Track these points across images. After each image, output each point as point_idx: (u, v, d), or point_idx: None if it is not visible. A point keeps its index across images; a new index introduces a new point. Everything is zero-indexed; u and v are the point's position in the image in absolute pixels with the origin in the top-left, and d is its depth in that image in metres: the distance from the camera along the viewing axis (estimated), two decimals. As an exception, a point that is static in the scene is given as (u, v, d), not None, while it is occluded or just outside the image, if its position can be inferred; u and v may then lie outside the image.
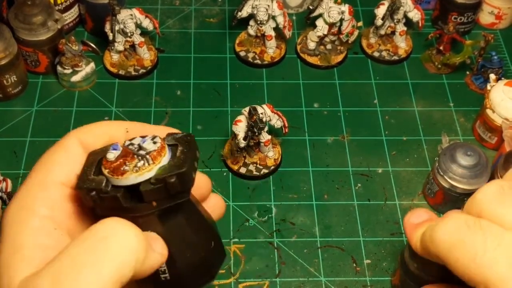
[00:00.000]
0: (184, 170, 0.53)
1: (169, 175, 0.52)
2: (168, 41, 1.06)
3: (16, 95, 0.96)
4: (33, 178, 0.55)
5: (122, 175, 0.52)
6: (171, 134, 0.57)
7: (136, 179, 0.52)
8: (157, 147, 0.53)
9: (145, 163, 0.52)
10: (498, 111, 0.89)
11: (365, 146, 0.93)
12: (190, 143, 0.56)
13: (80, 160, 0.56)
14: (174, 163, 0.53)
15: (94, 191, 0.52)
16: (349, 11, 0.99)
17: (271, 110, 0.86)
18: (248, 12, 0.99)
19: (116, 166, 0.53)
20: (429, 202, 0.87)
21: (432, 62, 1.03)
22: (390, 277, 0.81)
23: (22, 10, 0.93)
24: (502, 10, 1.08)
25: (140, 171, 0.52)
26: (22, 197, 0.54)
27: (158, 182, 0.52)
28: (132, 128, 0.59)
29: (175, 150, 0.55)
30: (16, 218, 0.52)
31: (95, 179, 0.53)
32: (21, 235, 0.51)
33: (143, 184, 0.52)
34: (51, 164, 0.56)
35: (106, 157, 0.53)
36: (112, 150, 0.53)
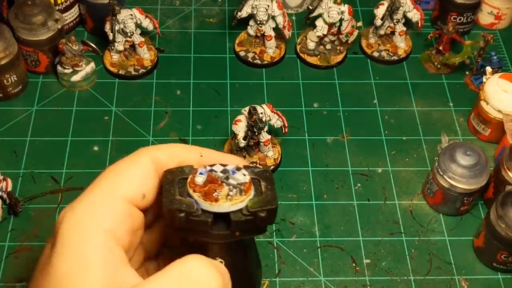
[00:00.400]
0: (275, 207, 0.55)
1: (261, 209, 0.54)
2: (168, 41, 1.06)
3: (16, 95, 0.96)
4: (100, 189, 0.54)
5: (215, 201, 0.53)
6: (248, 167, 0.58)
7: (229, 207, 0.54)
8: (247, 179, 0.55)
9: (238, 193, 0.54)
10: (492, 103, 0.90)
11: (364, 146, 0.93)
12: (270, 179, 0.58)
13: (150, 179, 0.56)
14: (263, 198, 0.56)
15: (184, 213, 0.53)
16: (349, 11, 0.99)
17: (270, 110, 0.86)
18: (248, 12, 0.99)
19: (207, 192, 0.54)
20: (429, 202, 0.87)
21: (431, 62, 1.03)
22: (472, 237, 0.83)
23: (22, 10, 0.93)
24: (502, 10, 1.08)
25: (234, 200, 0.54)
26: (87, 207, 0.53)
27: (249, 214, 0.54)
28: (206, 154, 0.59)
29: (258, 184, 0.57)
30: (80, 230, 0.51)
31: (184, 201, 0.54)
32: (86, 250, 0.50)
33: (234, 214, 0.54)
34: (121, 178, 0.55)
35: (195, 181, 0.54)
36: (200, 175, 0.54)
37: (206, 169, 0.55)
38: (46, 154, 0.90)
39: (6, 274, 0.77)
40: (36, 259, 0.78)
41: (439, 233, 0.84)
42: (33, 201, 0.84)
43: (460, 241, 0.84)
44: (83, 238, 0.51)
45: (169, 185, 0.55)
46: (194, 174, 0.55)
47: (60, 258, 0.50)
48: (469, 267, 0.82)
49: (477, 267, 0.82)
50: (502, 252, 0.78)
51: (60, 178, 0.87)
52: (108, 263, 0.50)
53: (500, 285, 0.80)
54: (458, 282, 0.80)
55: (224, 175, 0.55)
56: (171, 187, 0.55)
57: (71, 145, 0.91)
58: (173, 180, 0.56)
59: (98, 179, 0.56)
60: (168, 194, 0.54)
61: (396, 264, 0.81)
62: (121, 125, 0.94)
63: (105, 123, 0.94)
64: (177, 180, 0.56)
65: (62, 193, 0.85)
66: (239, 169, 0.56)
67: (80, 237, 0.51)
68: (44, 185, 0.86)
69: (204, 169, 0.55)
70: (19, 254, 0.79)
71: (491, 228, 0.78)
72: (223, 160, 0.59)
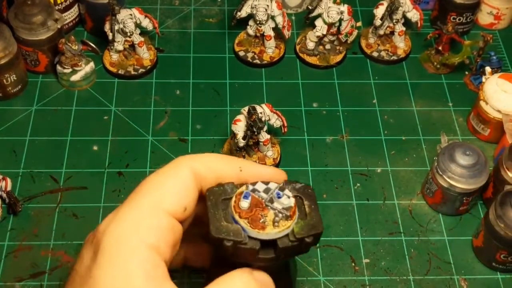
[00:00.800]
0: (320, 231, 0.56)
1: (308, 236, 0.55)
2: (167, 41, 1.06)
3: (15, 94, 0.96)
4: (143, 203, 0.54)
5: (262, 229, 0.54)
6: (289, 182, 0.59)
7: (276, 235, 0.55)
8: (292, 203, 0.56)
9: (283, 219, 0.55)
10: (491, 103, 0.90)
11: (364, 145, 0.93)
12: (313, 197, 0.59)
13: (191, 191, 0.56)
14: (309, 222, 0.57)
15: (232, 242, 0.54)
16: (348, 11, 0.99)
17: (270, 109, 0.86)
18: (247, 12, 0.99)
19: (253, 218, 0.55)
20: (428, 201, 0.87)
21: (431, 62, 1.04)
22: (471, 237, 0.83)
23: (22, 10, 0.93)
24: (501, 10, 1.08)
25: (280, 227, 0.55)
26: (131, 222, 0.53)
27: (296, 240, 0.55)
28: (245, 168, 0.60)
29: (301, 203, 0.58)
30: (125, 245, 0.52)
31: (231, 229, 0.54)
32: (130, 265, 0.50)
33: (281, 240, 0.55)
34: (163, 192, 0.55)
35: (240, 206, 0.55)
36: (244, 199, 0.55)
37: (249, 189, 0.56)
38: (46, 153, 0.90)
39: (6, 274, 0.77)
40: (36, 259, 0.79)
41: (438, 233, 0.84)
42: (32, 201, 0.84)
43: (459, 241, 0.84)
44: (127, 254, 0.51)
45: (214, 209, 0.56)
46: (238, 197, 0.56)
47: (104, 272, 0.50)
48: (468, 266, 0.82)
49: (476, 267, 0.82)
50: (501, 251, 0.78)
51: (60, 177, 0.87)
52: (152, 279, 0.50)
53: (499, 285, 0.80)
54: (457, 281, 0.80)
55: (267, 195, 0.56)
56: (215, 211, 0.55)
57: (70, 144, 0.91)
58: (217, 202, 0.56)
59: (139, 190, 0.56)
60: (214, 220, 0.55)
61: (395, 263, 0.81)
62: (120, 124, 0.94)
63: (105, 123, 0.94)
64: (220, 201, 0.56)
65: (62, 193, 0.86)
66: (282, 189, 0.56)
67: (125, 253, 0.51)
68: (44, 184, 0.86)
69: (248, 191, 0.56)
70: (18, 253, 0.79)
71: (490, 227, 0.78)
72: (263, 173, 0.59)
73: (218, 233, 0.54)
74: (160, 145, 0.91)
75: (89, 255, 0.53)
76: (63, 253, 0.80)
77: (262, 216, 0.54)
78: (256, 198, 0.55)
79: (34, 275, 0.77)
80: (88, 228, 0.81)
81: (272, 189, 0.56)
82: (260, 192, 0.56)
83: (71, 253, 0.80)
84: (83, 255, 0.54)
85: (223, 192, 0.57)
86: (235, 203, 0.55)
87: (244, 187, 0.57)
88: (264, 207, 0.55)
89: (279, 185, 0.57)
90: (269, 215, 0.55)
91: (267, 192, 0.56)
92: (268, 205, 0.55)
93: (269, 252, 0.55)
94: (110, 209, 0.83)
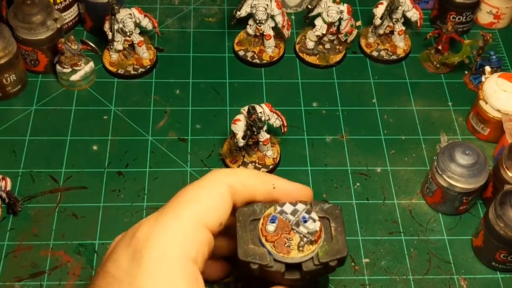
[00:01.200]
0: (345, 255, 0.58)
1: (332, 260, 0.57)
2: (167, 40, 1.06)
3: (15, 94, 0.96)
4: (185, 214, 0.56)
5: (287, 253, 0.56)
6: (316, 203, 0.61)
7: (300, 259, 0.57)
8: (318, 227, 0.57)
9: (308, 243, 0.57)
10: (491, 102, 0.90)
11: (363, 145, 0.93)
12: (339, 218, 0.61)
13: (228, 207, 0.59)
14: (333, 245, 0.58)
15: (258, 265, 0.56)
16: (348, 10, 0.99)
17: (270, 109, 0.86)
18: (247, 12, 0.99)
19: (279, 242, 0.57)
20: (428, 201, 0.87)
21: (430, 62, 1.04)
22: (471, 236, 0.83)
23: (22, 9, 0.93)
24: (501, 9, 1.08)
25: (305, 251, 0.57)
26: (175, 232, 0.55)
27: (320, 264, 0.57)
28: (278, 185, 0.62)
29: (328, 224, 0.60)
30: (170, 258, 0.54)
31: (257, 252, 0.57)
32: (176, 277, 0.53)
33: (306, 264, 0.57)
34: (204, 207, 0.58)
35: (267, 229, 0.57)
36: (271, 223, 0.57)
37: (277, 211, 0.58)
38: (45, 153, 0.90)
39: (5, 273, 0.77)
40: (36, 259, 0.79)
41: (438, 233, 0.84)
42: (32, 201, 0.84)
43: (459, 240, 0.84)
44: (173, 266, 0.53)
45: (242, 231, 0.58)
46: (266, 219, 0.58)
47: (150, 282, 0.52)
48: (468, 266, 0.82)
49: (476, 267, 0.82)
50: (501, 251, 0.78)
51: (59, 177, 0.87)
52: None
53: (499, 284, 0.80)
54: (457, 281, 0.80)
55: (294, 218, 0.57)
56: (243, 233, 0.58)
57: (70, 144, 0.91)
58: (245, 223, 0.58)
59: (179, 201, 0.58)
60: (242, 243, 0.57)
61: (395, 263, 0.81)
62: (120, 124, 0.94)
63: (104, 123, 0.94)
64: (249, 222, 0.59)
65: (61, 193, 0.85)
66: (309, 212, 0.58)
67: (170, 264, 0.53)
68: (43, 184, 0.86)
69: (275, 214, 0.58)
70: (18, 253, 0.79)
71: (490, 227, 0.78)
72: (294, 191, 0.62)
73: (245, 256, 0.56)
74: (160, 145, 0.91)
75: (127, 259, 0.54)
76: (62, 253, 0.80)
77: (287, 239, 0.56)
78: (283, 221, 0.57)
79: (33, 275, 0.77)
80: (88, 228, 0.82)
81: (299, 211, 0.58)
82: (288, 214, 0.58)
83: (70, 253, 0.80)
84: (119, 258, 0.56)
85: (252, 212, 0.59)
86: (263, 225, 0.57)
87: (272, 208, 0.59)
88: (290, 230, 0.57)
89: (306, 207, 0.58)
90: (295, 239, 0.57)
91: (295, 214, 0.58)
92: (294, 229, 0.57)
93: (294, 273, 0.57)
94: (110, 209, 0.84)
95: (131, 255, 0.54)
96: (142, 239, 0.55)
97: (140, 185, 0.87)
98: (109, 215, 0.83)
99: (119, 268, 0.54)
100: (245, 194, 0.60)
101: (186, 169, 0.89)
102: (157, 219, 0.56)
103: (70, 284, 0.77)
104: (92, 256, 0.80)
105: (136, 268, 0.53)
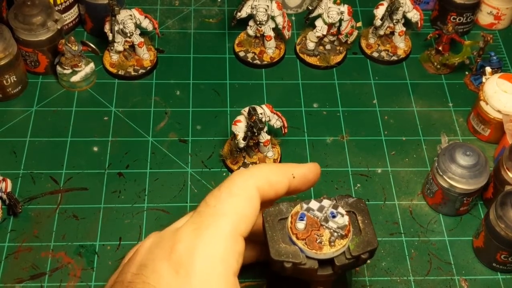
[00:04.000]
0: (376, 246, 0.58)
1: (364, 252, 0.58)
2: (167, 41, 1.06)
3: (15, 95, 0.96)
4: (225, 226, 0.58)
5: (320, 249, 0.57)
6: (341, 197, 0.61)
7: (333, 254, 0.57)
8: (347, 221, 0.58)
9: (339, 238, 0.57)
10: (491, 103, 0.90)
11: (364, 146, 0.93)
12: (365, 211, 0.61)
13: (257, 213, 0.60)
14: (363, 238, 0.59)
15: (291, 263, 0.56)
16: (348, 11, 0.99)
17: (270, 110, 0.86)
18: (247, 13, 0.99)
19: (310, 239, 0.57)
20: (428, 202, 0.87)
21: (431, 63, 1.03)
22: (472, 237, 0.83)
23: (22, 11, 0.93)
24: (501, 10, 1.08)
25: (336, 246, 0.57)
26: (218, 246, 0.57)
27: (352, 258, 0.57)
28: (297, 173, 0.64)
29: (354, 218, 0.60)
30: (217, 269, 0.56)
31: (289, 250, 0.57)
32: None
33: (338, 258, 0.57)
34: (241, 217, 0.59)
35: (297, 227, 0.57)
36: (300, 220, 0.58)
37: (303, 208, 0.58)
38: (46, 154, 0.90)
39: (6, 275, 0.77)
40: (36, 260, 0.79)
41: (439, 233, 0.84)
42: (32, 202, 0.84)
43: (459, 241, 0.84)
44: (219, 280, 0.56)
45: (272, 231, 0.58)
46: (294, 217, 0.58)
47: None
48: (468, 267, 0.82)
49: (476, 267, 0.82)
50: (501, 252, 0.78)
51: (60, 178, 0.87)
52: None
53: (500, 285, 0.80)
54: (458, 282, 0.80)
55: (322, 214, 0.58)
56: (273, 233, 0.58)
57: (70, 145, 0.91)
58: (274, 223, 0.59)
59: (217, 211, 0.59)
60: (273, 243, 0.58)
61: (395, 264, 0.81)
62: (120, 125, 0.94)
63: (105, 124, 0.94)
64: (277, 221, 0.59)
65: (62, 194, 0.85)
66: (336, 207, 0.59)
67: (217, 279, 0.55)
68: (44, 185, 0.86)
69: (303, 211, 0.58)
70: (18, 254, 0.79)
71: (491, 228, 0.78)
72: (308, 173, 0.64)
73: (278, 256, 0.57)
74: (160, 146, 0.91)
75: (170, 273, 0.56)
76: (63, 254, 0.80)
77: (318, 236, 0.57)
78: (312, 218, 0.58)
79: (34, 276, 0.77)
80: (88, 229, 0.82)
81: (326, 207, 0.59)
82: (315, 211, 0.58)
83: (71, 254, 0.80)
84: (160, 270, 0.57)
85: (279, 212, 0.60)
86: (291, 223, 0.58)
87: (298, 206, 0.59)
88: (320, 226, 0.57)
89: (332, 203, 0.59)
90: (325, 235, 0.57)
91: (321, 210, 0.58)
92: (323, 225, 0.57)
93: (327, 269, 0.58)
94: (111, 210, 0.84)
95: (175, 269, 0.56)
96: (185, 254, 0.56)
97: (140, 186, 0.87)
98: (109, 216, 0.83)
99: (162, 281, 0.56)
100: (270, 192, 0.61)
101: (187, 170, 0.89)
102: (196, 232, 0.57)
103: (71, 285, 0.77)
104: (93, 257, 0.80)
105: (184, 284, 0.54)
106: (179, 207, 0.85)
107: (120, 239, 0.81)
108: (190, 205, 0.85)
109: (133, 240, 0.81)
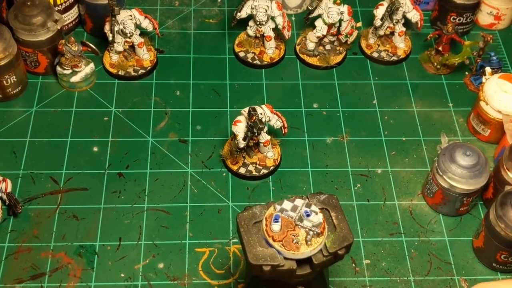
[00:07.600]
0: (352, 241, 0.59)
1: (340, 248, 0.59)
2: (167, 41, 1.06)
3: (15, 96, 0.96)
4: None
5: (297, 250, 0.57)
6: (312, 195, 0.62)
7: (310, 252, 0.58)
8: (321, 219, 0.58)
9: (315, 236, 0.58)
10: (491, 103, 0.90)
11: (364, 146, 0.93)
12: (338, 207, 0.62)
13: None
14: (338, 233, 0.60)
15: (270, 266, 0.57)
16: (348, 11, 0.99)
17: (270, 110, 0.86)
18: (247, 13, 0.99)
19: (286, 240, 0.57)
20: (428, 202, 0.87)
21: (431, 63, 1.03)
22: (472, 237, 0.83)
23: (22, 11, 0.93)
24: (501, 10, 1.08)
25: (313, 245, 0.58)
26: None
27: (330, 254, 0.58)
28: None
29: (328, 214, 0.61)
30: None
31: (267, 253, 0.58)
32: None
33: (315, 256, 0.58)
34: None
35: (272, 229, 0.58)
36: (275, 222, 0.58)
37: (277, 210, 0.58)
38: (46, 155, 0.90)
39: (6, 275, 0.77)
40: (36, 261, 0.79)
41: (439, 234, 0.84)
42: (32, 202, 0.84)
43: (459, 241, 0.84)
44: None
45: (247, 235, 0.59)
46: (268, 219, 0.58)
47: None
48: (468, 267, 0.82)
49: (476, 267, 0.82)
50: (501, 252, 0.78)
51: (60, 179, 0.87)
52: None
53: (500, 286, 0.80)
54: (458, 282, 0.80)
55: (296, 214, 0.58)
56: (249, 237, 0.59)
57: (70, 146, 0.91)
58: (249, 227, 0.59)
59: None
60: (250, 248, 0.58)
61: (395, 264, 0.81)
62: (120, 125, 0.94)
63: (105, 124, 0.94)
64: (252, 225, 0.59)
65: (62, 194, 0.85)
66: (309, 205, 0.59)
67: None
68: (44, 185, 0.86)
69: (277, 213, 0.58)
70: (18, 255, 0.79)
71: (491, 228, 0.78)
72: None
73: (256, 260, 0.57)
74: (160, 146, 0.91)
75: None
76: (63, 254, 0.80)
77: (294, 236, 0.57)
78: (286, 219, 0.58)
79: (34, 276, 0.77)
80: (88, 229, 0.82)
81: (299, 206, 0.59)
82: (289, 211, 0.59)
83: (71, 254, 0.80)
84: None
85: (253, 215, 0.60)
86: (266, 226, 0.58)
87: (272, 208, 0.59)
88: (295, 226, 0.58)
89: (305, 201, 0.59)
90: (301, 234, 0.57)
91: (295, 210, 0.59)
92: (298, 224, 0.58)
93: (305, 268, 0.58)
94: (111, 211, 0.84)
95: None
96: None
97: (140, 187, 0.87)
98: (109, 217, 0.83)
99: None
100: None
101: (187, 171, 0.89)
102: None
103: (71, 285, 0.77)
104: (93, 257, 0.80)
105: None
106: (179, 207, 0.85)
107: (120, 239, 0.81)
108: (190, 205, 0.85)
109: (133, 240, 0.81)
